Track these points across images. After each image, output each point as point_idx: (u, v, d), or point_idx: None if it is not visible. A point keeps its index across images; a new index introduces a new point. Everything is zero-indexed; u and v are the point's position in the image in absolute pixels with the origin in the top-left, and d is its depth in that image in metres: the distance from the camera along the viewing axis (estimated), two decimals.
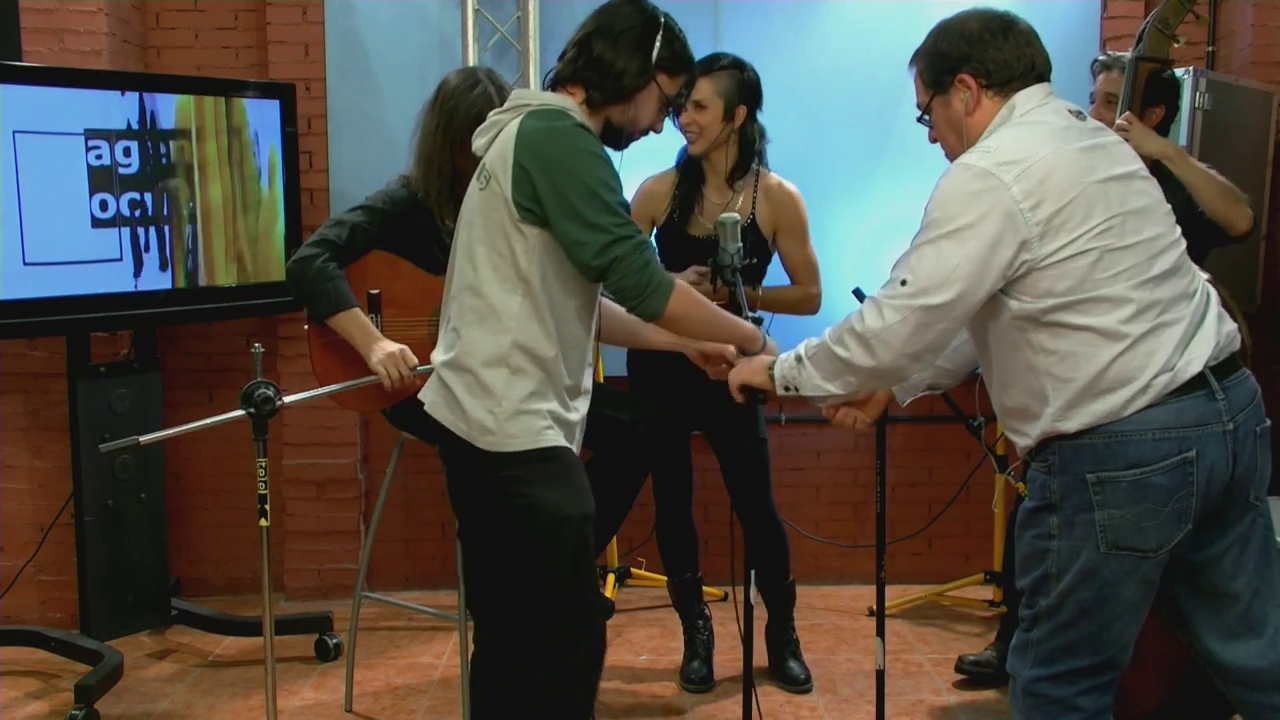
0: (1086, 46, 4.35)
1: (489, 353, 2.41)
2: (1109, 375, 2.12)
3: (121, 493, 3.89)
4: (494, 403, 2.40)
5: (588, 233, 2.31)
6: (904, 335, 2.18)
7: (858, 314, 2.24)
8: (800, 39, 4.38)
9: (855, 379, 2.29)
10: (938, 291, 2.14)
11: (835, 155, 4.45)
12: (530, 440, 2.41)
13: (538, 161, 2.33)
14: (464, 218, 2.52)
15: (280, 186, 4.15)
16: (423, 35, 4.43)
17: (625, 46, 2.45)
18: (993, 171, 2.14)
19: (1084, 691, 2.22)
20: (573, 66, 2.47)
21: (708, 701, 3.63)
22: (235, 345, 4.45)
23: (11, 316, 3.57)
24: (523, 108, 2.45)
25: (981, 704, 3.61)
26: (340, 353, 3.28)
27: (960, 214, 2.14)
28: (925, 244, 2.18)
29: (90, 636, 3.79)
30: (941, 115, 2.36)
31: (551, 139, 2.36)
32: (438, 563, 4.61)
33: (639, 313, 2.40)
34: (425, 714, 3.58)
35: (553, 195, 2.32)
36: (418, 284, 3.29)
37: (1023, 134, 2.21)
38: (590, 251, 2.32)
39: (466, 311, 2.45)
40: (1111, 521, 2.13)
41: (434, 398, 2.52)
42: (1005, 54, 2.28)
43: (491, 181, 2.41)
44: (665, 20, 2.49)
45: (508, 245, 2.39)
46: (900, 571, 4.46)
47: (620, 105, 2.49)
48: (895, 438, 4.55)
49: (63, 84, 3.65)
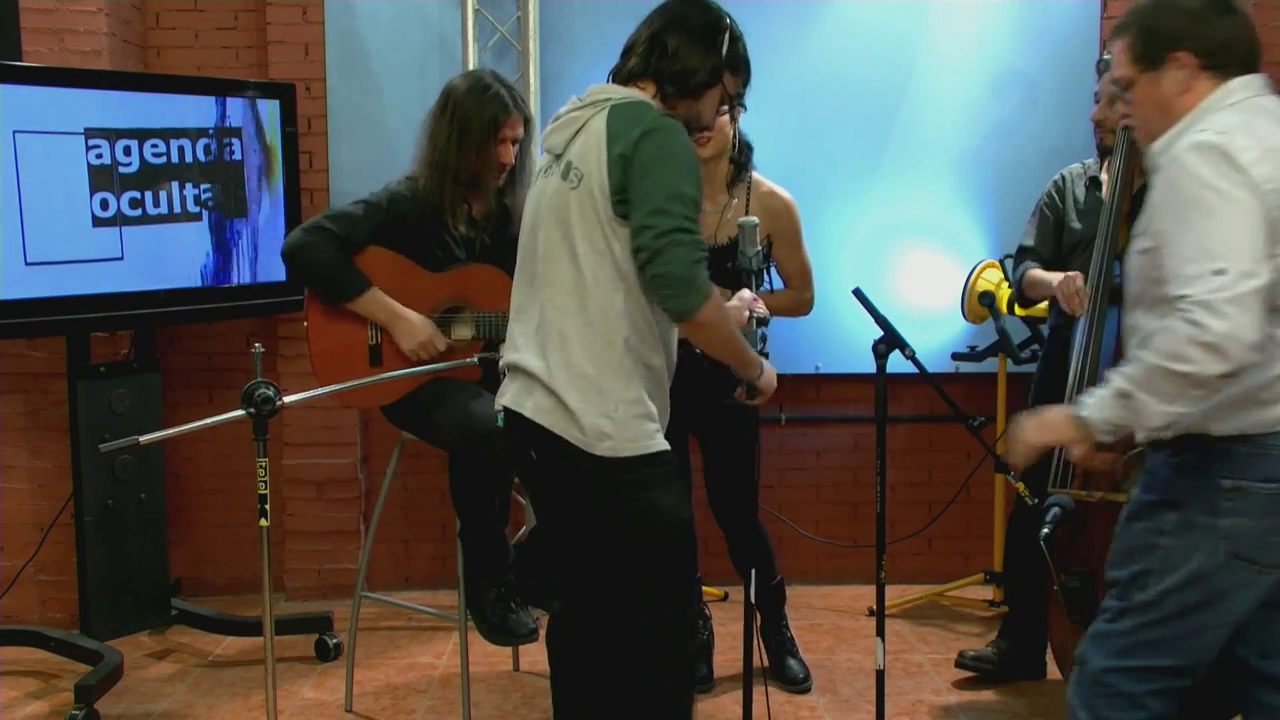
0: (1086, 46, 4.36)
1: (603, 354, 2.38)
2: (1276, 387, 2.09)
3: (121, 493, 3.89)
4: (611, 407, 2.38)
5: (655, 217, 2.30)
6: (1251, 325, 1.99)
7: (1185, 324, 2.01)
8: (800, 39, 4.38)
9: (1204, 391, 2.05)
10: (1258, 266, 2.00)
11: (834, 156, 4.45)
12: (645, 445, 2.41)
13: (632, 152, 2.33)
14: (544, 217, 2.47)
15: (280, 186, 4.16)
16: (423, 35, 4.43)
17: (698, 44, 2.47)
18: (1232, 153, 2.04)
19: (1155, 692, 2.20)
20: (646, 62, 2.48)
21: (708, 701, 3.63)
22: (235, 345, 4.45)
23: (11, 316, 3.57)
24: (604, 103, 2.44)
25: (981, 704, 3.61)
26: (341, 350, 3.28)
27: (1218, 184, 2.03)
28: (1200, 223, 2.03)
29: (90, 636, 3.79)
30: (1147, 92, 2.22)
31: (645, 129, 2.35)
32: (438, 563, 4.61)
33: (673, 306, 2.35)
34: (425, 714, 3.58)
35: (640, 184, 2.33)
36: (418, 281, 3.29)
37: (1248, 119, 2.11)
38: (650, 234, 2.30)
39: (571, 313, 2.40)
40: (1237, 530, 2.11)
41: (538, 404, 2.43)
42: (1227, 34, 2.17)
43: (584, 180, 2.39)
44: (730, 19, 2.52)
45: (606, 243, 2.38)
46: (900, 571, 4.46)
47: (688, 101, 2.50)
48: (895, 438, 4.55)
49: (63, 84, 3.65)
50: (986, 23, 4.45)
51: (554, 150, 2.50)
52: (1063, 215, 3.53)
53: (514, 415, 2.49)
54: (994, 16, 4.45)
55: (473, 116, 3.23)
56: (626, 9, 4.33)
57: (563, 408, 2.39)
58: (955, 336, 4.40)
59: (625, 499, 2.42)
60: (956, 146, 4.48)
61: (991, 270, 4.13)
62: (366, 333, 3.29)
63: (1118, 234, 3.23)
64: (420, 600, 4.28)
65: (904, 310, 4.24)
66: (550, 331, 2.43)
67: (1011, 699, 3.64)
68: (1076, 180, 3.55)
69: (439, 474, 4.10)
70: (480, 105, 3.24)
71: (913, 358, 2.84)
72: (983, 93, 4.47)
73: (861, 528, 4.66)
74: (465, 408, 3.15)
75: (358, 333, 3.29)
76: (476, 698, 3.62)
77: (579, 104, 2.50)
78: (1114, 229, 3.22)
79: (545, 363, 2.42)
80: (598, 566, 2.52)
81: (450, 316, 3.31)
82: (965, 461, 4.53)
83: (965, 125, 4.47)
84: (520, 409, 2.47)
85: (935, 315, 4.40)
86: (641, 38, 2.51)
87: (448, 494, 3.27)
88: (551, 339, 2.43)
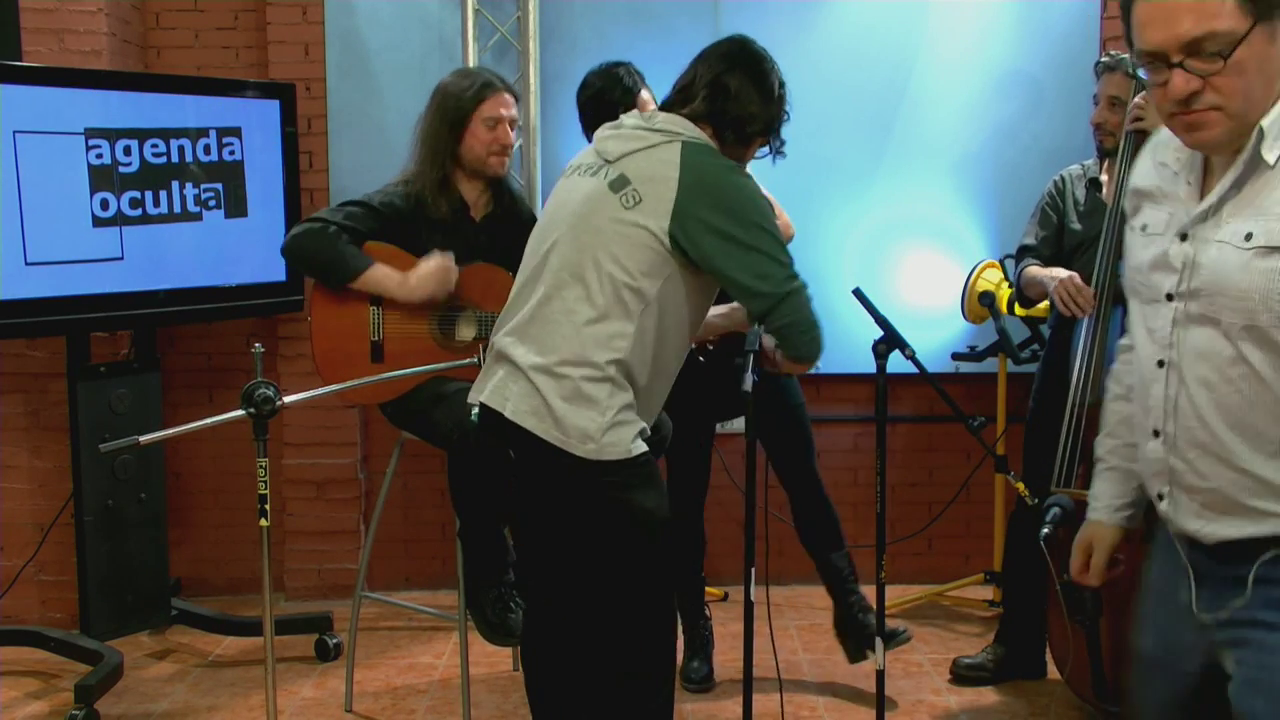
0: (1086, 46, 4.36)
1: (594, 366, 2.37)
2: None
3: (121, 493, 3.89)
4: (597, 412, 2.37)
5: (771, 265, 2.39)
6: None
7: None
8: (800, 39, 4.38)
9: None
10: None
11: (835, 156, 4.45)
12: (626, 449, 2.41)
13: (712, 202, 2.37)
14: (575, 218, 2.44)
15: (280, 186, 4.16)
16: (423, 35, 4.43)
17: (758, 92, 2.52)
18: None
19: None
20: (709, 105, 2.49)
21: (708, 701, 3.63)
22: (235, 345, 4.45)
23: (11, 316, 3.57)
24: (675, 135, 2.45)
25: (981, 704, 3.61)
26: (344, 347, 3.28)
27: None
28: None
29: (90, 636, 3.79)
30: (1258, 52, 1.61)
31: (725, 182, 2.41)
32: (438, 563, 4.61)
33: (799, 350, 2.46)
34: (425, 714, 3.58)
35: (728, 237, 2.37)
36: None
37: None
38: (770, 284, 2.39)
39: (575, 317, 2.38)
40: None
41: (517, 405, 2.41)
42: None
43: (642, 204, 2.38)
44: (778, 68, 2.57)
45: (640, 268, 2.37)
46: (900, 571, 4.46)
47: (740, 147, 2.54)
48: (895, 438, 4.55)
49: (63, 84, 3.65)
50: (987, 23, 4.46)
51: (606, 155, 2.47)
52: (1063, 216, 3.54)
53: (490, 412, 2.46)
54: (994, 17, 4.45)
55: (457, 94, 3.31)
56: (626, 9, 4.40)
57: (546, 409, 2.37)
58: (955, 336, 4.40)
59: (606, 498, 2.42)
60: (957, 146, 4.48)
61: (991, 270, 4.13)
62: (369, 330, 3.29)
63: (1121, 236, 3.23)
64: (420, 600, 4.28)
65: (904, 310, 4.24)
66: (548, 330, 2.41)
67: (1011, 699, 3.64)
68: (1076, 181, 3.55)
69: (439, 474, 4.11)
70: (463, 84, 3.34)
71: (913, 358, 2.84)
72: (983, 93, 4.47)
73: (861, 528, 4.66)
74: (466, 407, 3.15)
75: (360, 330, 3.29)
76: (476, 698, 3.62)
77: (646, 124, 2.49)
78: (1117, 231, 3.22)
79: (537, 359, 2.40)
80: (576, 565, 2.52)
81: (450, 316, 3.32)
82: (965, 461, 4.53)
83: (965, 125, 4.47)
84: (500, 408, 2.43)
85: (935, 315, 4.40)
86: (701, 79, 2.52)
87: (448, 494, 3.27)
88: (548, 338, 2.40)
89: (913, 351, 2.84)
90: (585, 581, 2.52)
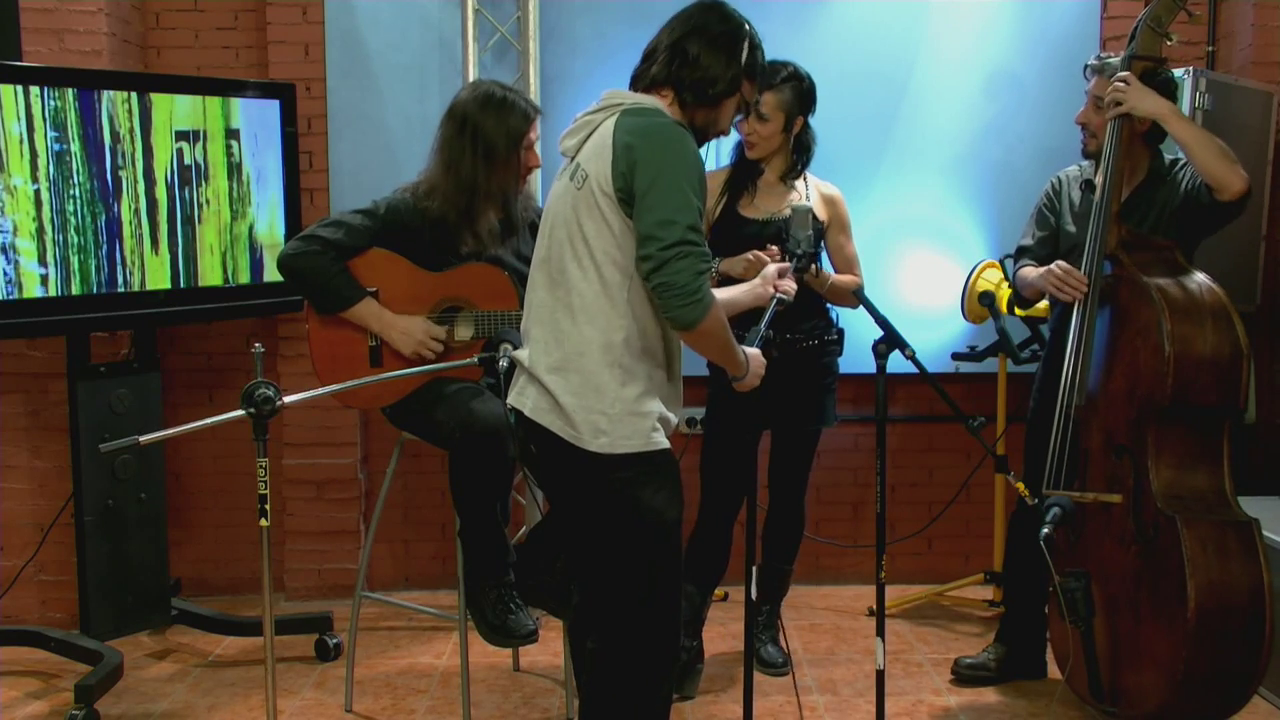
0: (1086, 46, 4.35)
1: (599, 351, 2.40)
2: None
3: (121, 493, 3.89)
4: (606, 404, 2.40)
5: (661, 228, 2.32)
6: None
7: None
8: (800, 39, 4.38)
9: None
10: None
11: (835, 155, 4.42)
12: (641, 442, 2.42)
13: (639, 155, 2.35)
14: (554, 219, 2.51)
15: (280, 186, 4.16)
16: (423, 35, 4.43)
17: (719, 52, 2.48)
18: None
19: None
20: (667, 69, 2.49)
21: (708, 702, 3.63)
22: (235, 345, 4.45)
23: (11, 316, 3.57)
24: (615, 107, 2.47)
25: (982, 704, 3.61)
26: (342, 352, 3.28)
27: None
28: None
29: (90, 636, 3.79)
30: None
31: (654, 135, 2.38)
32: (438, 563, 4.61)
33: (677, 315, 2.36)
34: (425, 714, 3.58)
35: (646, 187, 2.34)
36: (418, 282, 3.29)
37: None
38: (657, 245, 2.31)
39: (569, 310, 2.43)
40: None
41: (535, 403, 2.48)
42: None
43: (588, 181, 2.41)
44: (749, 27, 2.53)
45: (611, 240, 2.40)
46: (900, 571, 4.46)
47: (706, 109, 2.52)
48: (895, 438, 4.55)
49: (63, 84, 3.65)
50: (987, 23, 4.46)
51: (568, 154, 2.54)
52: (1059, 217, 3.54)
53: (518, 412, 2.55)
54: (994, 17, 4.45)
55: (496, 133, 3.21)
56: (626, 9, 4.40)
57: (557, 406, 2.43)
58: (955, 336, 4.40)
59: (616, 494, 2.43)
60: (957, 147, 4.48)
61: (991, 270, 4.13)
62: (367, 334, 3.29)
63: (1108, 234, 3.23)
64: (420, 600, 4.28)
65: (904, 310, 4.25)
66: (550, 329, 2.47)
67: (1011, 699, 3.64)
68: (1072, 183, 3.55)
69: (439, 474, 4.11)
70: (500, 120, 3.22)
71: (913, 358, 2.84)
72: (984, 93, 4.47)
73: (861, 528, 4.67)
74: (467, 406, 3.16)
75: (358, 334, 3.29)
76: (476, 698, 3.62)
77: (593, 109, 2.52)
78: (1104, 229, 3.22)
79: (543, 360, 2.47)
80: (593, 560, 2.55)
81: (450, 316, 3.31)
82: (965, 461, 4.53)
83: (966, 126, 4.47)
84: (521, 407, 2.53)
85: (935, 315, 4.40)
86: (662, 44, 2.52)
87: (448, 494, 3.27)
88: (551, 337, 2.47)
89: (913, 351, 2.84)
90: (599, 575, 2.54)
